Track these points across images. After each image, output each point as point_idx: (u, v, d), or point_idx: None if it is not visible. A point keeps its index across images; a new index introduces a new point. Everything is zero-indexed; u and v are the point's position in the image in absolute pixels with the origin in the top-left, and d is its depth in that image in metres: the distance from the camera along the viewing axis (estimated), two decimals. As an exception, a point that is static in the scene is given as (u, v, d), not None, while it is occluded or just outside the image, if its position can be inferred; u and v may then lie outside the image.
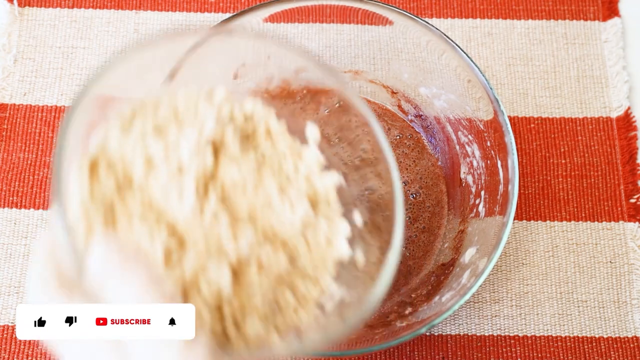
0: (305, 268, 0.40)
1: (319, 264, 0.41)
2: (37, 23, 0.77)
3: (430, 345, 0.66)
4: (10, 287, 0.67)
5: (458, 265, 0.62)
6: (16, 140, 0.72)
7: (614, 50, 0.77)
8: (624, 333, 0.66)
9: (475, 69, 0.60)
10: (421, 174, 0.70)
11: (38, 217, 0.69)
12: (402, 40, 0.65)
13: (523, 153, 0.73)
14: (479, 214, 0.63)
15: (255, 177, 0.40)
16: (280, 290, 0.39)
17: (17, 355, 0.65)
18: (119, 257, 0.36)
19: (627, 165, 0.72)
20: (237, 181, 0.39)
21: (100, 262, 0.36)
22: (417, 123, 0.71)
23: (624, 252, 0.69)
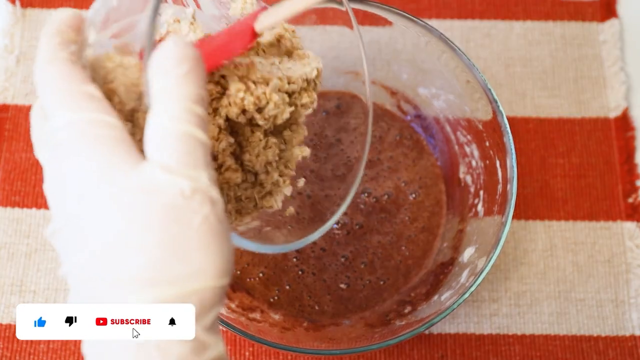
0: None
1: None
2: (40, 24, 0.78)
3: (429, 344, 0.66)
4: (13, 285, 0.67)
5: (457, 264, 0.62)
6: (18, 140, 0.73)
7: (612, 51, 0.77)
8: (622, 332, 0.67)
9: (474, 69, 0.60)
10: (420, 173, 0.70)
11: (40, 216, 0.70)
12: (401, 41, 0.65)
13: (521, 153, 0.73)
14: (478, 213, 0.63)
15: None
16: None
17: (19, 353, 0.65)
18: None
19: (624, 165, 0.72)
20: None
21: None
22: (417, 123, 0.72)
23: (621, 251, 0.70)
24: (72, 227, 0.35)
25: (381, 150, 0.71)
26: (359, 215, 0.68)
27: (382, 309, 0.65)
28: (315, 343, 0.62)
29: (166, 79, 0.35)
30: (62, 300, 0.67)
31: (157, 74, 0.36)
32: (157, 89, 0.36)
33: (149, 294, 0.33)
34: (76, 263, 0.35)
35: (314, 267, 0.66)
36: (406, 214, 0.69)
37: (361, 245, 0.67)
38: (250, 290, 0.66)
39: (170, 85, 0.35)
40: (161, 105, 0.35)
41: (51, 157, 0.37)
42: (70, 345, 0.65)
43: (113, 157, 0.35)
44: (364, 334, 0.62)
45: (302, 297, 0.66)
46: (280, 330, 0.62)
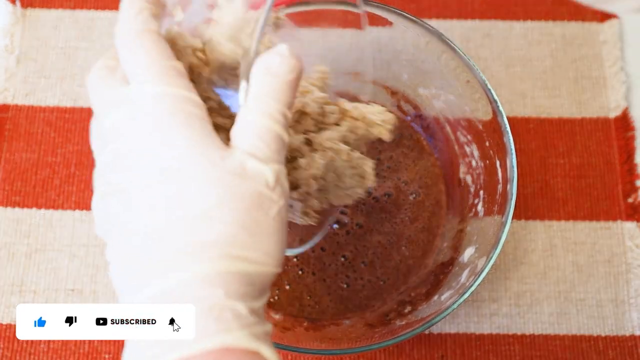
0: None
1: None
2: (40, 24, 0.78)
3: (429, 343, 0.66)
4: (13, 285, 0.67)
5: (457, 264, 0.62)
6: (19, 140, 0.73)
7: (612, 51, 0.77)
8: (622, 332, 0.67)
9: (475, 69, 0.60)
10: (420, 173, 0.70)
11: (40, 216, 0.70)
12: (401, 41, 0.65)
13: (522, 153, 0.73)
14: (478, 213, 0.63)
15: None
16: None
17: (19, 353, 0.65)
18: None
19: (624, 165, 0.72)
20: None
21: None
22: (417, 123, 0.72)
23: (621, 251, 0.70)
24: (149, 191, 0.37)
25: (381, 150, 0.71)
26: (359, 215, 0.68)
27: (382, 309, 0.65)
28: (315, 343, 0.62)
29: (274, 82, 0.39)
30: (62, 301, 0.67)
31: (267, 75, 0.39)
32: (261, 89, 0.39)
33: (221, 264, 0.35)
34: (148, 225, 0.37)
35: (314, 266, 0.66)
36: (406, 214, 0.69)
37: (361, 245, 0.67)
38: (251, 290, 0.66)
39: (275, 88, 0.39)
40: (261, 103, 0.39)
41: (132, 122, 0.38)
42: (70, 345, 0.65)
43: (205, 136, 0.38)
44: (364, 334, 0.62)
45: (302, 297, 0.66)
46: (280, 330, 0.62)
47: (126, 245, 0.37)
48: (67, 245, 0.69)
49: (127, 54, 0.40)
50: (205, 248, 0.36)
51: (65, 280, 0.68)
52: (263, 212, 0.37)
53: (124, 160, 0.38)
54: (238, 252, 0.36)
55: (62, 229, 0.69)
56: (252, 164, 0.37)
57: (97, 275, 0.68)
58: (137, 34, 0.40)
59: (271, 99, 0.39)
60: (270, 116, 0.38)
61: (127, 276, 0.37)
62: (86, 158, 0.72)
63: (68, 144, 0.73)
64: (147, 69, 0.39)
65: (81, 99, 0.75)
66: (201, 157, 0.37)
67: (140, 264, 0.36)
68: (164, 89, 0.38)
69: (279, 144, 0.39)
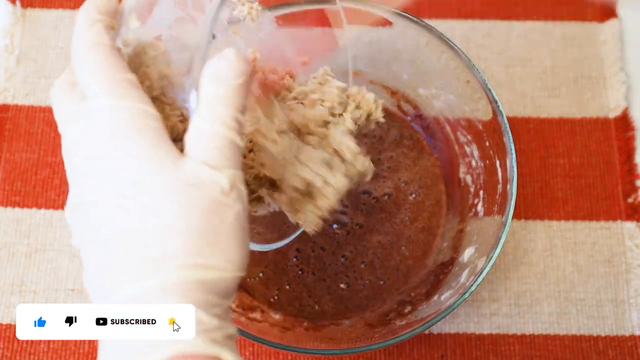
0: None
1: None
2: (40, 24, 0.78)
3: (429, 343, 0.66)
4: (13, 285, 0.67)
5: (457, 264, 0.62)
6: (19, 140, 0.73)
7: (612, 51, 0.77)
8: (622, 332, 0.67)
9: (474, 69, 0.60)
10: (420, 173, 0.70)
11: (40, 216, 0.70)
12: (401, 41, 0.65)
13: (521, 153, 0.73)
14: (478, 213, 0.63)
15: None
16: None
17: (19, 353, 0.65)
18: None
19: (624, 165, 0.72)
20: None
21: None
22: (417, 123, 0.72)
23: (621, 251, 0.70)
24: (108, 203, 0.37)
25: (381, 150, 0.71)
26: (359, 215, 0.68)
27: (382, 309, 0.65)
28: (315, 343, 0.62)
29: (222, 87, 0.39)
30: (62, 301, 0.67)
31: (214, 80, 0.39)
32: (210, 95, 0.39)
33: (178, 274, 0.36)
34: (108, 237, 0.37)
35: (314, 267, 0.66)
36: (406, 214, 0.69)
37: (361, 245, 0.67)
38: (250, 290, 0.66)
39: (225, 93, 0.39)
40: (211, 110, 0.39)
41: (88, 135, 0.39)
42: (70, 345, 0.65)
43: (160, 147, 0.38)
44: (364, 334, 0.62)
45: (302, 297, 0.66)
46: (280, 330, 0.62)
47: (90, 258, 0.38)
48: (67, 245, 0.69)
49: (80, 68, 0.40)
50: (162, 259, 0.36)
51: (65, 280, 0.68)
52: (219, 218, 0.37)
53: (83, 175, 0.39)
54: (194, 260, 0.36)
55: (62, 229, 0.69)
56: (205, 172, 0.37)
57: (97, 275, 0.68)
58: (88, 48, 0.40)
59: (221, 105, 0.39)
60: (221, 122, 0.38)
61: (93, 289, 0.38)
62: (86, 158, 0.72)
63: (68, 144, 0.73)
64: (99, 83, 0.39)
65: (81, 99, 0.75)
66: (155, 168, 0.37)
67: (101, 278, 0.37)
68: (117, 102, 0.38)
69: (232, 149, 0.39)
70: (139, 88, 0.39)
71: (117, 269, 0.37)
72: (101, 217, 0.38)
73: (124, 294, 0.36)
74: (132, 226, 0.37)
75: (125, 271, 0.36)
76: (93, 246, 0.38)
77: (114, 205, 0.37)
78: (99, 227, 0.38)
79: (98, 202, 0.38)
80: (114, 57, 0.40)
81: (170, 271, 0.36)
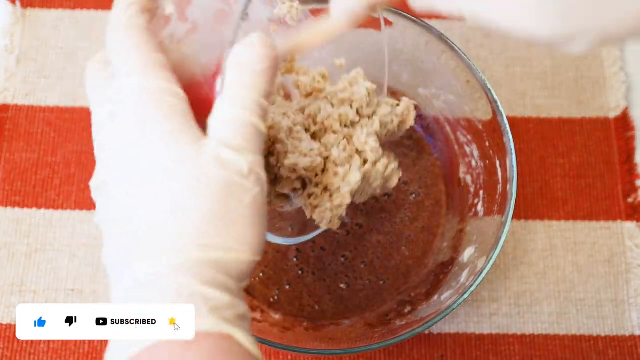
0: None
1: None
2: (40, 24, 0.78)
3: (429, 343, 0.66)
4: (13, 285, 0.67)
5: (457, 264, 0.62)
6: (19, 140, 0.73)
7: (612, 51, 0.77)
8: (622, 332, 0.67)
9: (474, 69, 0.60)
10: (420, 173, 0.70)
11: (40, 216, 0.70)
12: (401, 41, 0.65)
13: (521, 153, 0.73)
14: (478, 213, 0.63)
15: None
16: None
17: (19, 353, 0.65)
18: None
19: (624, 165, 0.72)
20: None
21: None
22: (417, 123, 0.71)
23: (621, 251, 0.70)
24: (128, 182, 0.38)
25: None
26: (359, 215, 0.68)
27: (382, 309, 0.65)
28: (315, 343, 0.62)
29: (245, 72, 0.40)
30: (62, 301, 0.67)
31: (237, 65, 0.40)
32: (233, 79, 0.40)
33: (191, 253, 0.36)
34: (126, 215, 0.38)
35: (314, 266, 0.66)
36: (406, 214, 0.69)
37: (361, 245, 0.67)
38: (250, 290, 0.66)
39: (248, 78, 0.40)
40: (235, 94, 0.39)
41: (115, 114, 0.40)
42: (70, 345, 0.65)
43: (184, 127, 0.39)
44: (364, 334, 0.62)
45: (302, 297, 0.66)
46: (280, 330, 0.62)
47: (110, 235, 0.39)
48: (67, 245, 0.69)
49: (113, 48, 0.41)
50: (177, 237, 0.36)
51: (65, 280, 0.68)
52: (237, 200, 0.38)
53: (108, 154, 0.40)
54: (210, 240, 0.37)
55: (62, 229, 0.69)
56: (225, 154, 0.38)
57: (97, 275, 0.68)
58: (122, 28, 0.41)
59: (243, 89, 0.39)
60: (242, 106, 0.39)
61: (110, 265, 0.39)
62: (86, 158, 0.72)
63: (68, 144, 0.73)
64: (128, 62, 0.40)
65: (81, 99, 0.75)
66: (176, 149, 0.38)
67: (119, 254, 0.38)
68: (145, 82, 0.39)
69: (254, 133, 0.39)
70: (168, 69, 0.40)
71: (133, 246, 0.37)
72: (121, 196, 0.38)
73: (139, 270, 0.36)
74: (149, 204, 0.37)
75: (141, 249, 0.37)
76: (113, 224, 0.39)
77: (135, 185, 0.38)
78: (119, 206, 0.38)
79: (119, 181, 0.39)
80: (146, 38, 0.40)
81: (184, 250, 0.36)
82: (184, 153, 0.38)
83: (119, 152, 0.39)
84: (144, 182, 0.38)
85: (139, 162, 0.38)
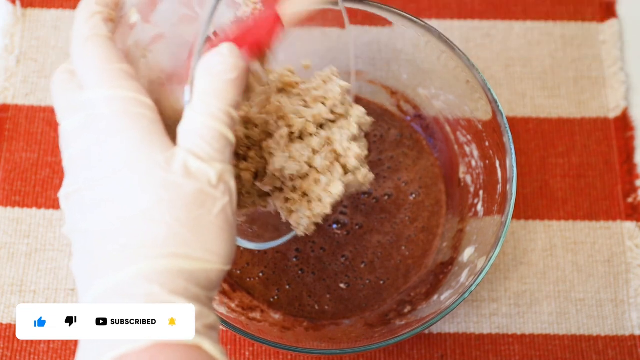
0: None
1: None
2: (40, 24, 0.78)
3: (429, 343, 0.66)
4: (13, 285, 0.67)
5: (457, 264, 0.62)
6: (19, 140, 0.73)
7: (612, 51, 0.77)
8: (622, 331, 0.67)
9: (474, 69, 0.60)
10: (420, 173, 0.70)
11: (40, 216, 0.70)
12: (401, 41, 0.65)
13: (521, 153, 0.73)
14: (478, 213, 0.63)
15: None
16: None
17: (19, 353, 0.65)
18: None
19: (624, 165, 0.72)
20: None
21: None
22: (417, 123, 0.72)
23: (621, 251, 0.70)
24: (96, 192, 0.38)
25: (382, 150, 0.71)
26: (359, 215, 0.68)
27: (382, 309, 0.65)
28: (315, 343, 0.62)
29: (215, 81, 0.40)
30: (62, 300, 0.67)
31: (207, 74, 0.40)
32: (203, 88, 0.40)
33: (160, 262, 0.36)
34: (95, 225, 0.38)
35: (314, 266, 0.66)
36: (406, 214, 0.69)
37: (361, 245, 0.67)
38: (250, 290, 0.66)
39: (218, 87, 0.40)
40: (204, 103, 0.39)
41: (84, 126, 0.40)
42: (70, 345, 0.65)
43: (153, 137, 0.39)
44: (364, 334, 0.62)
45: (302, 297, 0.66)
46: (280, 330, 0.62)
47: (78, 244, 0.39)
48: (67, 245, 0.69)
49: (78, 59, 0.41)
50: (145, 247, 0.36)
51: (65, 280, 0.68)
52: (205, 210, 0.38)
53: (79, 163, 0.40)
54: (178, 250, 0.37)
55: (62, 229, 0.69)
56: (194, 163, 0.38)
57: (97, 275, 0.68)
58: (85, 39, 0.41)
59: (213, 98, 0.39)
60: (212, 115, 0.39)
61: (79, 275, 0.39)
62: (86, 158, 0.72)
63: (68, 144, 0.73)
64: (95, 74, 0.40)
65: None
66: (144, 158, 0.38)
67: (88, 264, 0.38)
68: (112, 92, 0.39)
69: (223, 143, 0.39)
70: (134, 78, 0.40)
71: (102, 256, 0.37)
72: (90, 206, 0.38)
73: (108, 281, 0.36)
74: (118, 214, 0.37)
75: (110, 258, 0.37)
76: (81, 234, 0.39)
77: (102, 194, 0.38)
78: (87, 216, 0.38)
79: (88, 190, 0.39)
80: (110, 49, 0.40)
81: (152, 259, 0.36)
82: (154, 162, 0.38)
83: (87, 162, 0.39)
84: (113, 192, 0.38)
85: (108, 172, 0.38)
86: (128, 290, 0.36)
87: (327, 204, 0.51)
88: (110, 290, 0.36)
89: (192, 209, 0.37)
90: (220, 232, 0.38)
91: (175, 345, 0.35)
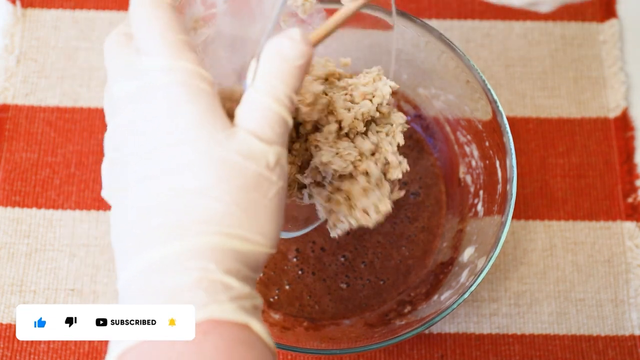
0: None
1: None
2: (40, 24, 0.78)
3: (429, 343, 0.66)
4: (13, 285, 0.67)
5: (457, 264, 0.62)
6: (19, 140, 0.73)
7: (612, 51, 0.77)
8: (621, 331, 0.67)
9: (474, 69, 0.60)
10: (421, 173, 0.70)
11: (40, 216, 0.70)
12: (401, 41, 0.65)
13: (521, 153, 0.73)
14: (478, 213, 0.63)
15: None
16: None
17: (19, 353, 0.65)
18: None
19: (624, 165, 0.72)
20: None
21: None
22: (417, 123, 0.72)
23: (621, 251, 0.70)
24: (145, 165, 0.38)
25: (381, 150, 0.71)
26: (359, 215, 0.68)
27: (382, 309, 0.65)
28: (315, 343, 0.62)
29: (283, 65, 0.39)
30: (62, 301, 0.67)
31: (275, 57, 0.39)
32: (269, 70, 0.39)
33: (214, 239, 0.36)
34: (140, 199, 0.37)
35: (314, 266, 0.66)
36: (406, 214, 0.69)
37: (361, 245, 0.67)
38: (250, 290, 0.66)
39: (285, 72, 0.39)
40: (268, 84, 0.39)
41: (138, 94, 0.39)
42: (70, 345, 0.65)
43: (212, 113, 0.38)
44: (364, 334, 0.62)
45: (302, 297, 0.66)
46: (280, 330, 0.62)
47: (124, 213, 0.38)
48: (67, 245, 0.69)
49: (140, 25, 0.40)
50: (199, 223, 0.36)
51: (65, 280, 0.68)
52: (261, 193, 0.38)
53: (130, 131, 0.39)
54: (233, 230, 0.37)
55: (62, 229, 0.70)
56: (254, 145, 0.38)
57: (97, 275, 0.68)
58: (150, 6, 0.40)
59: (278, 82, 0.39)
60: (276, 98, 0.39)
61: (123, 243, 0.38)
62: (86, 158, 0.72)
63: (68, 144, 0.73)
64: (158, 42, 0.39)
65: (81, 99, 0.75)
66: (205, 134, 0.37)
67: (134, 234, 0.37)
68: (174, 63, 0.38)
69: (282, 127, 0.39)
70: (195, 50, 0.39)
71: (146, 230, 0.37)
72: (142, 177, 0.38)
73: (154, 255, 0.36)
74: (173, 185, 0.37)
75: (160, 229, 0.36)
76: (125, 204, 0.38)
77: (158, 167, 0.37)
78: (138, 186, 0.38)
79: (140, 162, 0.38)
80: (174, 18, 0.40)
81: (207, 235, 0.36)
82: (214, 140, 0.37)
83: (142, 132, 0.38)
84: (167, 165, 0.37)
85: (164, 144, 0.37)
86: (178, 265, 0.35)
87: (373, 219, 0.50)
88: (156, 264, 0.36)
89: (249, 191, 0.37)
90: (272, 216, 0.38)
91: (226, 323, 0.35)
